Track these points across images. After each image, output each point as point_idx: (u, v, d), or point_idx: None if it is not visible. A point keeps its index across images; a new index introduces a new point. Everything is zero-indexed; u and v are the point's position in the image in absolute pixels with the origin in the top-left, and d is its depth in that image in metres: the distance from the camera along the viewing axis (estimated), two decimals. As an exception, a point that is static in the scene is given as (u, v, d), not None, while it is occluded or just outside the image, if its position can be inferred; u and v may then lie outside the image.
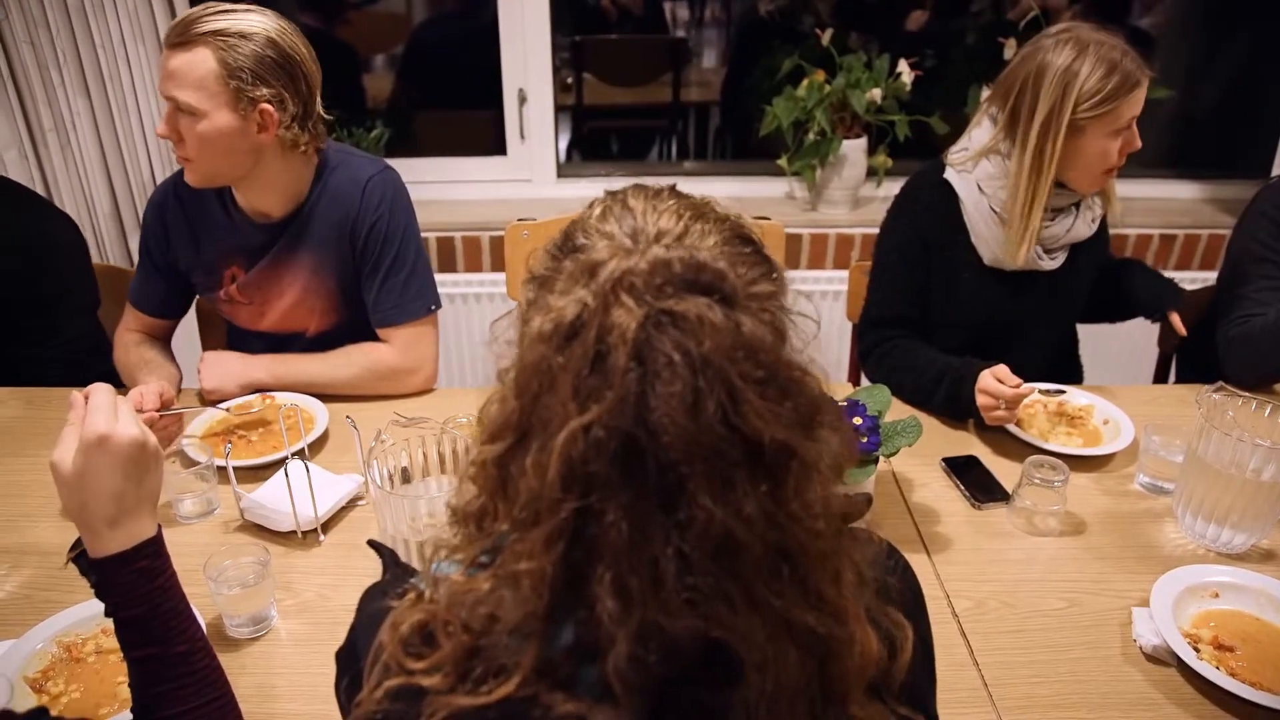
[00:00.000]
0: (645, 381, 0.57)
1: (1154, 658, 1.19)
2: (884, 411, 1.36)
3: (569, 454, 0.57)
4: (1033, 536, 1.42)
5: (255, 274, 1.76)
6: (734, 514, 0.57)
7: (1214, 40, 3.03)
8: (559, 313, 0.59)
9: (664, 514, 0.57)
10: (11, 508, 1.47)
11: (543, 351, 0.60)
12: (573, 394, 0.58)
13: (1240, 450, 1.32)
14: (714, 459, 0.57)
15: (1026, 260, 1.75)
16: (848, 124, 2.71)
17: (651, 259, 0.60)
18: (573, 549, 0.59)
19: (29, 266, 1.80)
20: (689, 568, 0.57)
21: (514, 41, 2.74)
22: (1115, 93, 1.61)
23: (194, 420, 1.64)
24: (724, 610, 0.58)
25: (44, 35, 2.41)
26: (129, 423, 0.90)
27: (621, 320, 0.57)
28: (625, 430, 0.56)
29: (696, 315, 0.58)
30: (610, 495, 0.57)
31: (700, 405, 0.56)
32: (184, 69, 1.52)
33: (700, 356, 0.57)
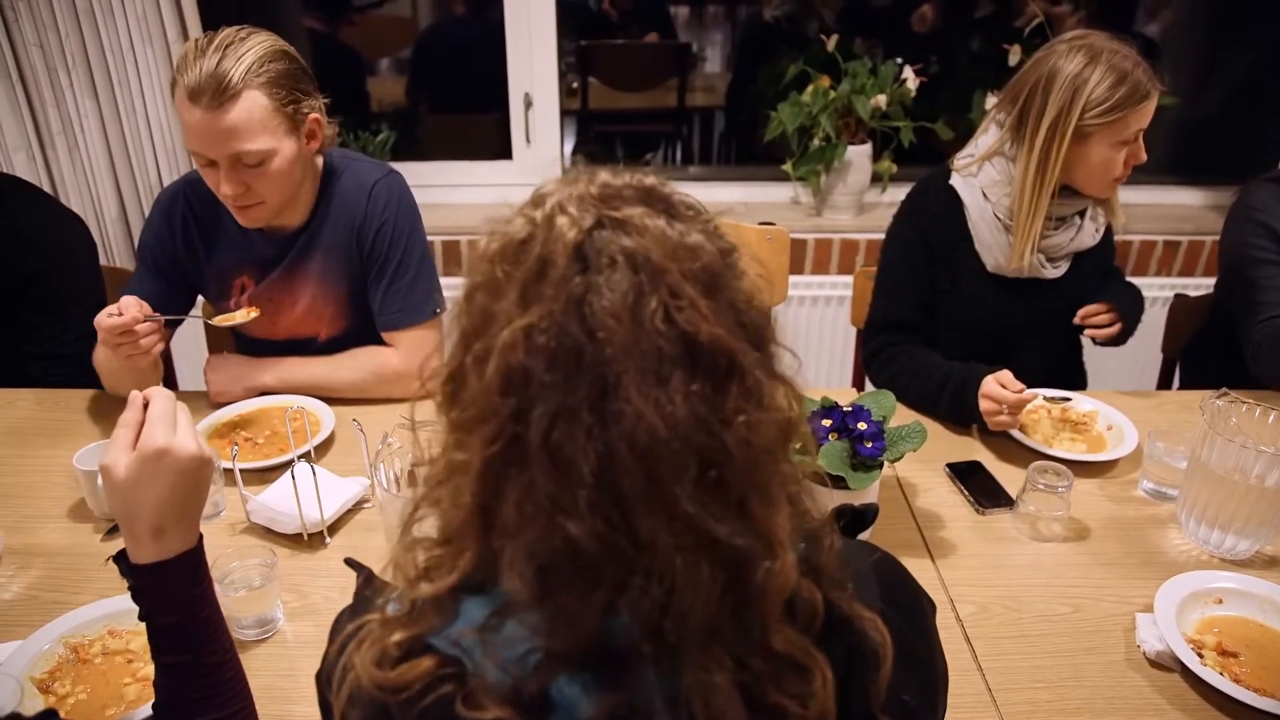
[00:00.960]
0: (587, 281, 0.57)
1: (1158, 663, 1.19)
2: (889, 417, 1.36)
3: (507, 356, 0.58)
4: (1037, 542, 1.42)
5: (265, 286, 1.76)
6: (661, 412, 0.56)
7: (1218, 47, 3.03)
8: (506, 232, 0.61)
9: (590, 413, 0.56)
10: (19, 509, 1.47)
11: (488, 269, 0.61)
12: (518, 300, 0.58)
13: (1244, 456, 1.32)
14: (650, 356, 0.56)
15: (1029, 268, 1.76)
16: (852, 130, 2.72)
17: (600, 182, 0.62)
18: (504, 450, 0.59)
19: (42, 265, 1.82)
20: (606, 466, 0.56)
21: (520, 45, 2.75)
22: (1123, 103, 1.61)
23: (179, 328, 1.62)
24: (634, 513, 0.57)
25: (53, 38, 2.42)
26: (188, 436, 0.90)
27: (563, 225, 0.59)
28: (564, 329, 0.57)
29: (640, 221, 0.59)
30: (541, 395, 0.57)
31: (640, 302, 0.57)
32: (242, 121, 1.48)
33: (642, 255, 0.58)
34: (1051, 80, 1.64)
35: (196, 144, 1.51)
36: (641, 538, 0.58)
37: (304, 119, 1.58)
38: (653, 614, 0.59)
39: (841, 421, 1.32)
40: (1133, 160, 1.68)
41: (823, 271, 2.81)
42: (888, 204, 2.84)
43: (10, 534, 1.41)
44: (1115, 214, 1.84)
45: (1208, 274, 2.82)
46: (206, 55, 1.46)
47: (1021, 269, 1.77)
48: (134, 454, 0.88)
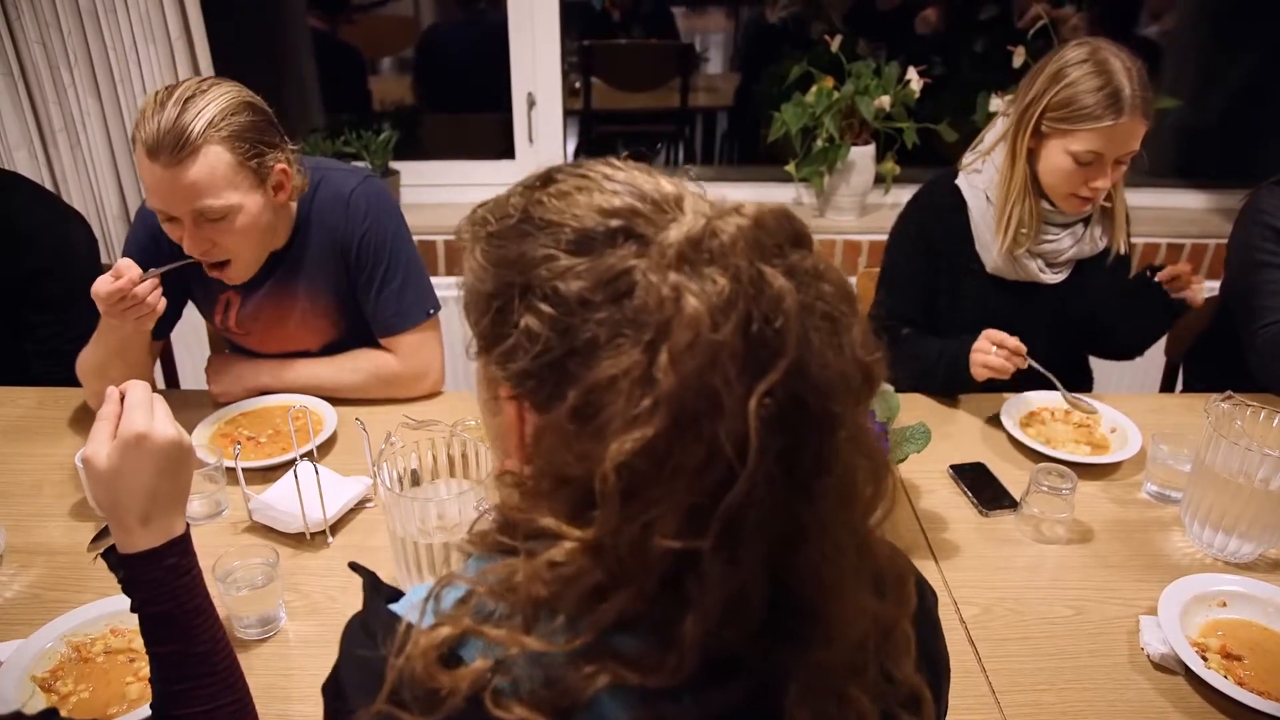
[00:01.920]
0: (808, 340, 0.57)
1: (1161, 666, 1.19)
2: (893, 418, 1.36)
3: (741, 425, 0.55)
4: (1040, 544, 1.42)
5: (252, 307, 1.73)
6: (854, 445, 0.59)
7: (1221, 49, 3.03)
8: (709, 289, 0.56)
9: (809, 467, 0.58)
10: (21, 507, 1.47)
11: (703, 330, 0.55)
12: (741, 368, 0.55)
13: (1248, 459, 1.31)
14: (850, 393, 0.59)
15: (1024, 271, 1.76)
16: (856, 131, 2.72)
17: (753, 213, 0.59)
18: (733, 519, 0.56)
19: (43, 264, 1.82)
20: (815, 520, 0.59)
21: (523, 45, 2.74)
22: (1079, 115, 1.58)
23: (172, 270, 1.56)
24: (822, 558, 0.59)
25: (55, 36, 2.42)
26: (166, 422, 0.91)
27: (778, 286, 0.56)
28: (794, 392, 0.56)
29: (811, 264, 0.59)
30: (777, 460, 0.56)
31: (842, 348, 0.58)
32: (203, 177, 1.43)
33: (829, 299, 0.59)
34: (1044, 67, 1.64)
35: (157, 200, 1.46)
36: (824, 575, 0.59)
37: (269, 171, 1.52)
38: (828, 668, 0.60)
39: (845, 422, 1.32)
40: (1093, 182, 1.62)
41: (825, 272, 2.80)
42: (891, 205, 2.84)
43: (12, 533, 1.41)
44: (1115, 232, 1.80)
45: (1211, 277, 2.81)
46: (165, 109, 1.41)
47: (1016, 270, 1.77)
48: (114, 442, 0.88)
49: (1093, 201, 1.69)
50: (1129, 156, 1.63)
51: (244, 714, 0.93)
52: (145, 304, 1.48)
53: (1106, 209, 1.79)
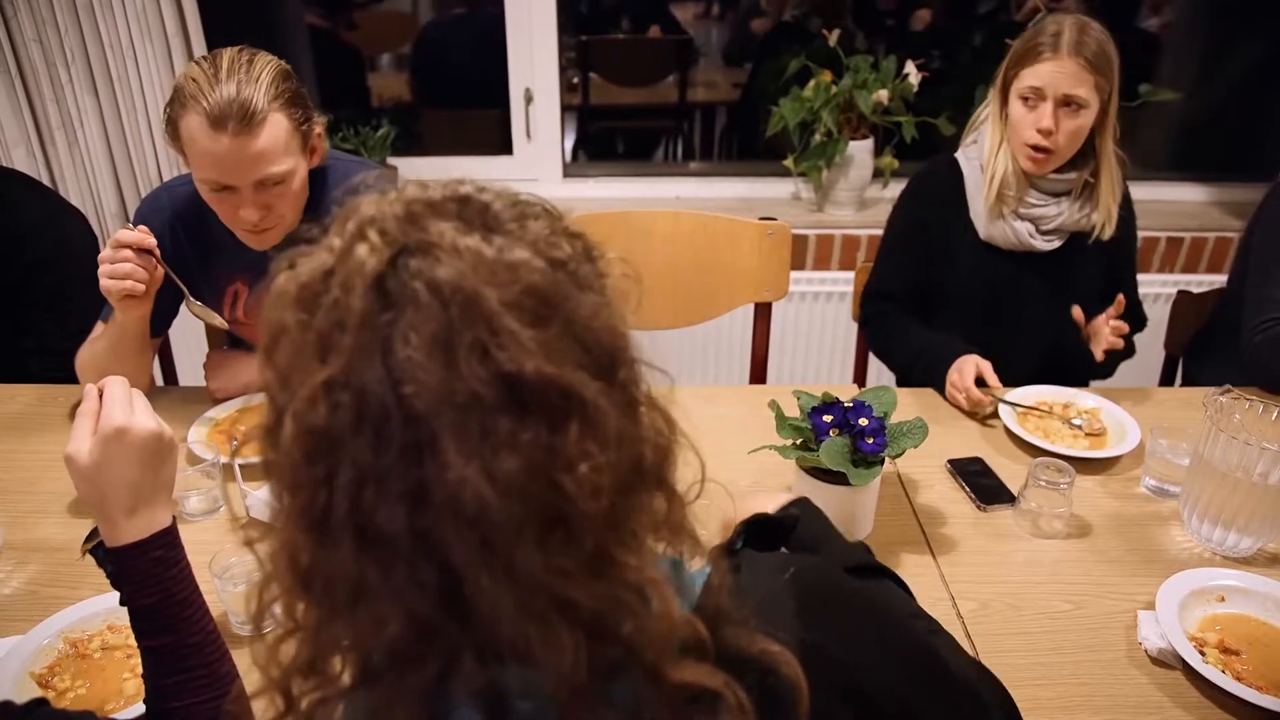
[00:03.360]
0: (389, 324, 0.49)
1: (1159, 661, 1.19)
2: (890, 413, 1.36)
3: (306, 417, 0.50)
4: (1038, 539, 1.42)
5: (261, 294, 1.72)
6: (487, 472, 0.48)
7: (1221, 42, 3.02)
8: (307, 268, 0.53)
9: (404, 478, 0.49)
10: (19, 503, 1.47)
11: (284, 313, 0.53)
12: (316, 349, 0.51)
13: (1247, 454, 1.31)
14: (468, 406, 0.48)
15: (1016, 235, 1.80)
16: (854, 125, 2.71)
17: (408, 196, 0.54)
18: (315, 523, 0.52)
19: (41, 260, 1.82)
20: (427, 538, 0.50)
21: (521, 41, 2.74)
22: (1026, 51, 1.69)
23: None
24: (465, 587, 0.50)
25: (52, 34, 2.42)
26: (145, 415, 0.92)
27: (362, 254, 0.51)
28: (366, 383, 0.49)
29: (450, 241, 0.51)
30: (346, 460, 0.50)
31: (452, 344, 0.49)
32: (270, 145, 1.44)
33: (452, 284, 0.49)
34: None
35: (219, 172, 1.45)
36: (478, 614, 0.51)
37: (312, 134, 1.56)
38: (492, 694, 0.53)
39: (843, 417, 1.32)
40: (1038, 126, 1.68)
41: (824, 267, 2.81)
42: (889, 199, 2.83)
43: (10, 529, 1.41)
44: (1098, 208, 1.79)
45: (1211, 270, 2.81)
46: (223, 81, 1.41)
47: (1007, 235, 1.81)
48: (95, 438, 0.89)
49: (1049, 156, 1.72)
50: (1075, 101, 1.67)
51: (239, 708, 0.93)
52: (150, 264, 1.49)
53: (1091, 184, 1.79)
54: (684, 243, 2.10)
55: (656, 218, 2.11)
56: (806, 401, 1.37)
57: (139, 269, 1.48)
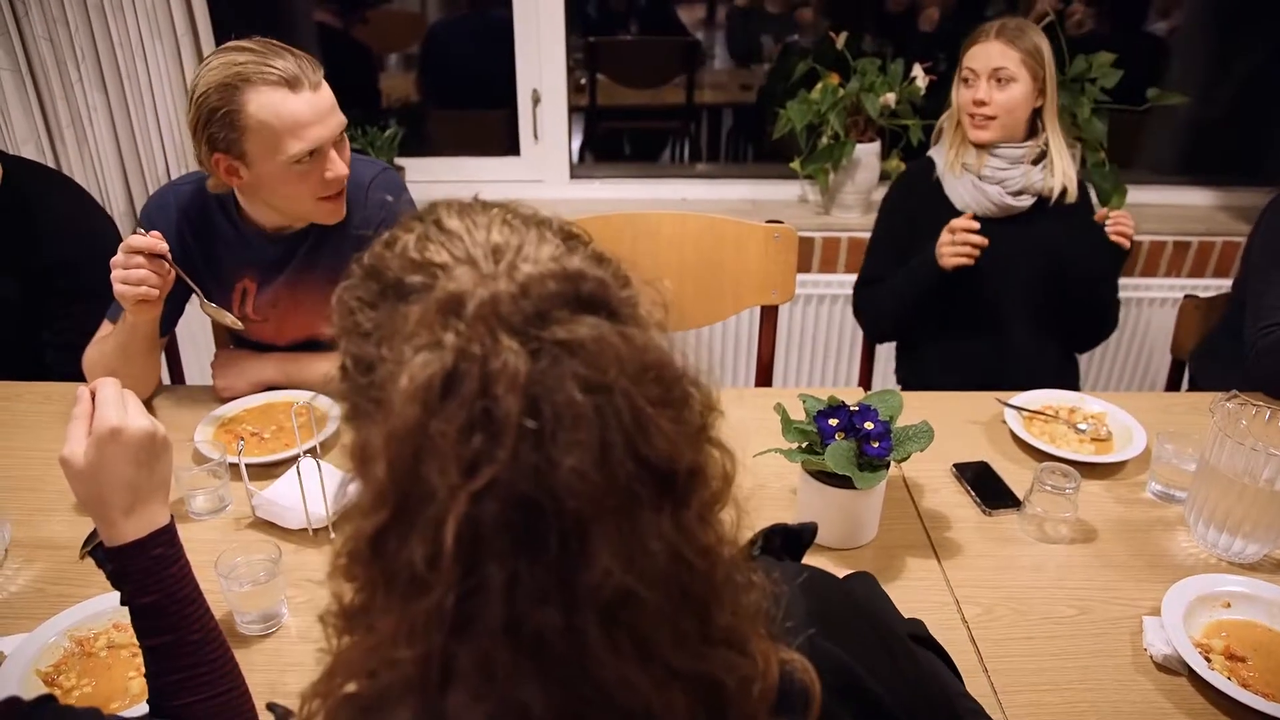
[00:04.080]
0: (543, 431, 0.48)
1: (1165, 667, 1.18)
2: (895, 417, 1.36)
3: (460, 528, 0.49)
4: (1043, 543, 1.42)
5: (271, 292, 1.73)
6: (636, 568, 0.49)
7: (1229, 46, 3.01)
8: (426, 365, 0.50)
9: (557, 578, 0.49)
10: (26, 502, 1.48)
11: (415, 414, 0.50)
12: (456, 459, 0.49)
13: (1254, 459, 1.31)
14: (624, 505, 0.49)
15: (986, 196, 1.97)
16: (861, 128, 2.71)
17: (522, 278, 0.51)
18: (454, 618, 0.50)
19: (72, 255, 1.86)
20: (577, 636, 0.50)
21: (528, 42, 2.74)
22: (965, 47, 1.99)
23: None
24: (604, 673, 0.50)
25: (63, 32, 2.42)
26: (139, 414, 0.92)
27: (509, 363, 0.48)
28: (523, 493, 0.48)
29: (594, 339, 0.50)
30: (497, 563, 0.49)
31: (608, 444, 0.48)
32: (330, 99, 1.52)
33: (602, 386, 0.49)
34: None
35: (313, 131, 1.48)
36: (605, 690, 0.51)
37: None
38: None
39: (848, 421, 1.32)
40: (974, 97, 1.94)
41: (830, 270, 2.81)
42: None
43: (17, 527, 1.41)
44: (1054, 174, 1.98)
45: (1217, 275, 2.81)
46: (271, 54, 1.46)
47: (981, 200, 1.98)
48: (89, 439, 0.90)
49: (987, 124, 1.95)
50: (1003, 74, 1.92)
51: (240, 704, 0.94)
52: (162, 269, 1.50)
53: (1045, 153, 1.99)
54: (690, 245, 2.10)
55: (663, 219, 2.11)
56: (812, 405, 1.37)
57: (152, 274, 1.49)
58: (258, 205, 1.66)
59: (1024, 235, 2.01)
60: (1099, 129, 2.59)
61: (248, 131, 1.46)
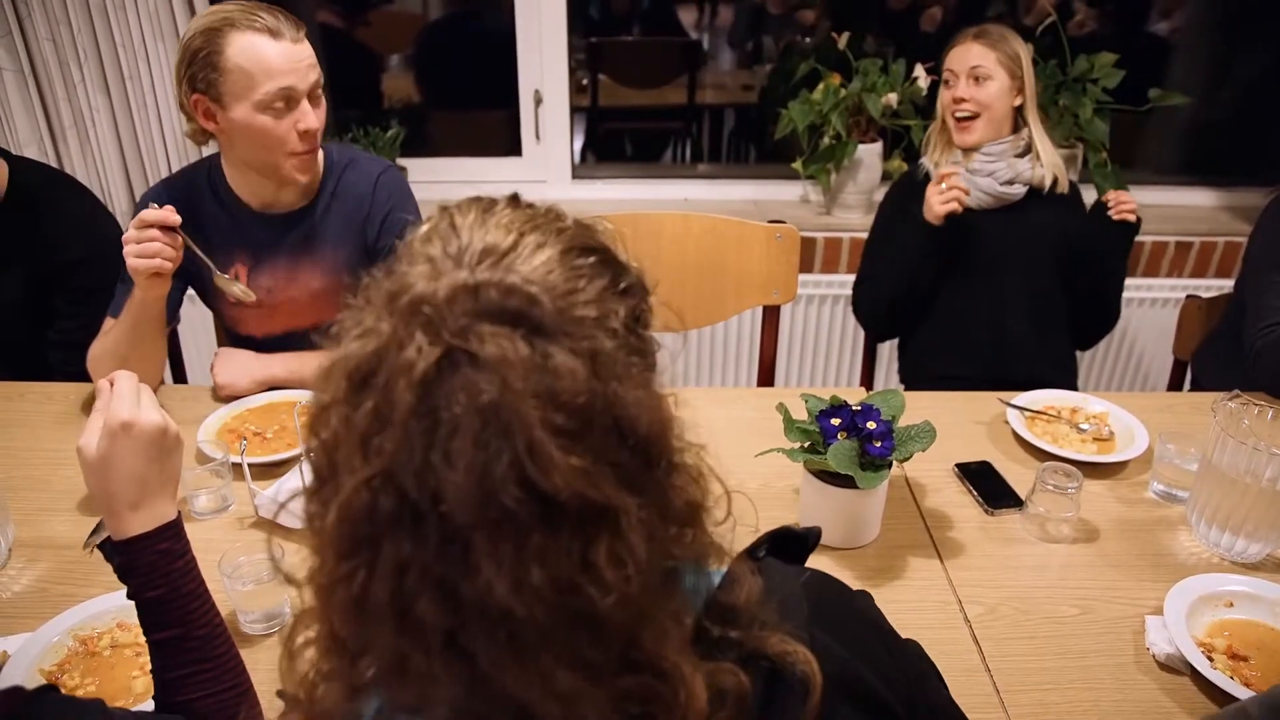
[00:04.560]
0: (430, 434, 0.50)
1: (1167, 666, 1.18)
2: (898, 416, 1.36)
3: (349, 506, 0.51)
4: (1046, 543, 1.42)
5: (264, 276, 1.75)
6: (516, 585, 0.50)
7: (1231, 47, 3.01)
8: (357, 349, 0.53)
9: (439, 574, 0.51)
10: (29, 501, 1.48)
11: (340, 392, 0.53)
12: (359, 446, 0.51)
13: (1256, 459, 1.31)
14: (502, 523, 0.49)
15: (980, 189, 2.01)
16: (863, 128, 2.71)
17: (451, 284, 0.53)
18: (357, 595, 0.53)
19: (82, 255, 1.88)
20: (459, 633, 0.51)
21: (530, 43, 2.75)
22: (948, 46, 2.07)
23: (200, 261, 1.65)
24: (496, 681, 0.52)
25: (65, 33, 2.43)
26: (151, 409, 0.93)
27: (411, 360, 0.51)
28: (405, 491, 0.50)
29: (496, 354, 0.50)
30: (386, 549, 0.51)
31: (490, 464, 0.49)
32: (309, 55, 1.58)
33: (493, 405, 0.49)
34: None
35: (286, 79, 1.54)
36: (510, 702, 0.52)
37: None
38: None
39: (850, 421, 1.32)
40: (954, 95, 2.01)
41: (832, 270, 2.81)
42: (898, 203, 2.84)
43: (21, 526, 1.41)
44: (1040, 164, 2.03)
45: (1220, 275, 2.81)
46: (257, 8, 1.54)
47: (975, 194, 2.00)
48: (101, 431, 0.91)
49: (969, 123, 2.01)
50: (980, 73, 1.98)
51: (246, 701, 0.94)
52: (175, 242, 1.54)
53: (1029, 145, 2.04)
54: (692, 245, 2.10)
55: (665, 220, 2.11)
56: (814, 404, 1.37)
57: (166, 246, 1.53)
58: (238, 170, 1.70)
59: (1021, 223, 2.05)
60: (1101, 129, 2.59)
61: (225, 73, 1.53)
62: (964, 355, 2.11)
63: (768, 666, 0.61)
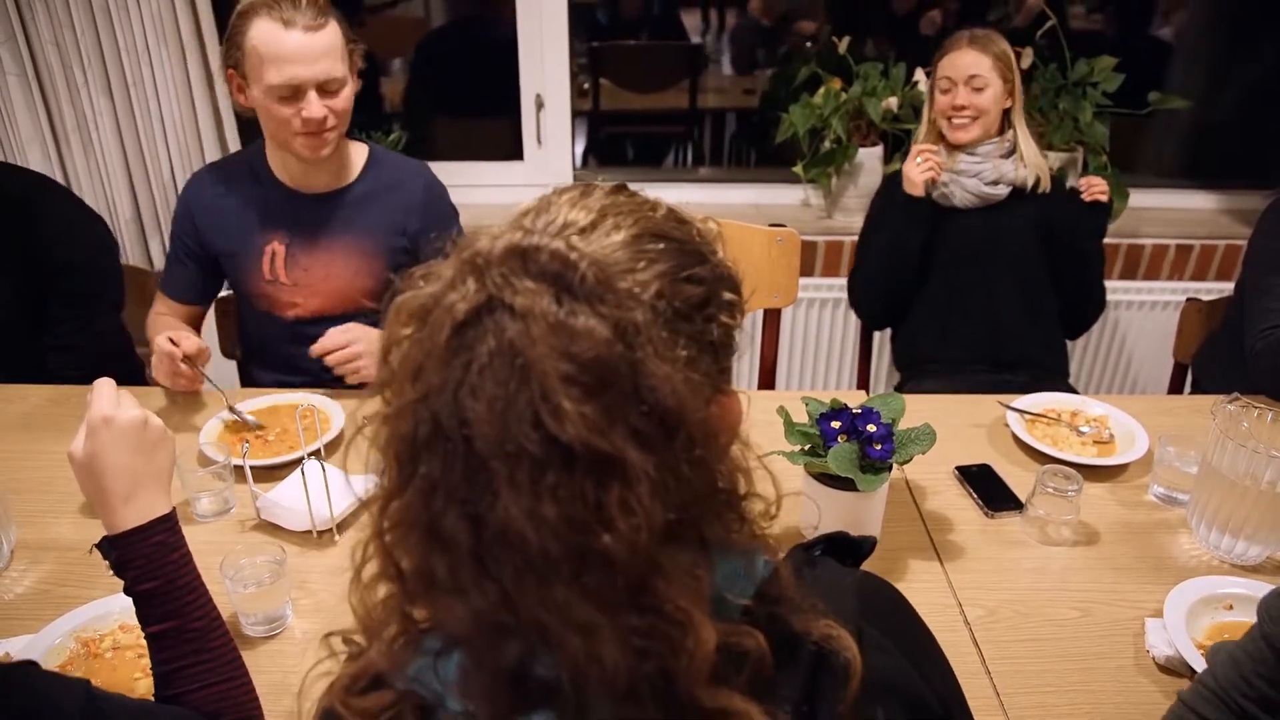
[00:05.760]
0: (463, 370, 0.55)
1: (1167, 669, 1.18)
2: (898, 419, 1.36)
3: (397, 424, 0.58)
4: (1046, 546, 1.42)
5: (301, 254, 1.79)
6: (528, 514, 0.54)
7: (1232, 50, 3.02)
8: (423, 290, 0.60)
9: (465, 495, 0.56)
10: (32, 503, 1.48)
11: (398, 326, 0.60)
12: (410, 370, 0.58)
13: (1255, 462, 1.31)
14: (519, 457, 0.54)
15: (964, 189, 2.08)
16: (864, 132, 2.72)
17: (507, 243, 0.58)
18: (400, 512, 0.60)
19: (74, 259, 1.88)
20: (480, 549, 0.56)
21: (531, 47, 2.75)
22: (940, 54, 2.10)
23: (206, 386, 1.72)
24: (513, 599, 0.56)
25: (69, 36, 2.44)
26: (130, 405, 0.96)
27: (455, 301, 0.57)
28: (439, 414, 0.56)
29: (526, 306, 0.55)
30: (423, 467, 0.57)
31: (511, 404, 0.54)
32: (332, 45, 1.61)
33: (515, 349, 0.54)
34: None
35: (293, 69, 1.58)
36: (528, 620, 0.56)
37: (356, 58, 1.70)
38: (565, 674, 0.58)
39: (850, 424, 1.32)
40: (952, 103, 2.05)
41: (833, 274, 2.81)
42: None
43: (23, 528, 1.42)
44: (1026, 165, 2.08)
45: (1220, 278, 2.81)
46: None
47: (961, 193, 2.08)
48: (83, 430, 0.94)
49: (966, 126, 2.05)
50: (978, 82, 2.02)
51: (244, 694, 0.95)
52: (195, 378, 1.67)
53: (1012, 146, 2.10)
54: (693, 248, 2.10)
55: (666, 223, 2.11)
56: (815, 407, 1.38)
57: (195, 378, 1.67)
58: (274, 147, 1.77)
59: (1009, 217, 2.11)
60: (1101, 133, 2.59)
61: (245, 54, 1.62)
62: (955, 338, 2.16)
63: (814, 649, 0.63)
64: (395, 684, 0.64)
